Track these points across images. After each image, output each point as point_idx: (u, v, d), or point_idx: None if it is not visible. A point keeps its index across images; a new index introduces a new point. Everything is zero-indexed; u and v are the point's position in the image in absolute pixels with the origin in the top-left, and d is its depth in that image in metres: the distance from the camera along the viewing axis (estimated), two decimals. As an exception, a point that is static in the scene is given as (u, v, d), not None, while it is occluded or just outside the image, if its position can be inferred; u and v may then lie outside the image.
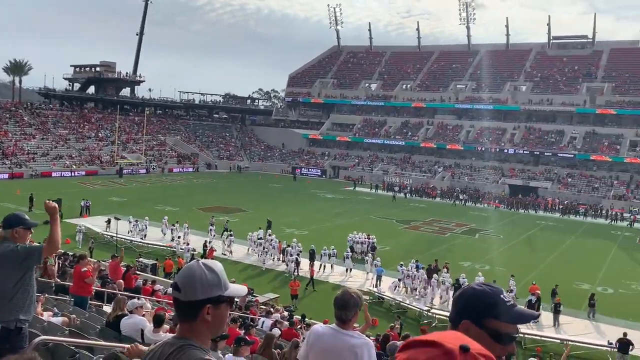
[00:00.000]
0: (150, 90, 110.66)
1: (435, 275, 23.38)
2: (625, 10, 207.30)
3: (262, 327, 12.73)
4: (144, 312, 7.79)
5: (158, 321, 7.13)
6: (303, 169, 74.53)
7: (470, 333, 1.48)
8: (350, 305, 3.14)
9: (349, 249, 27.87)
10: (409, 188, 62.00)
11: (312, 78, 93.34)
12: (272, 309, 16.05)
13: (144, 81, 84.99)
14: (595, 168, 62.52)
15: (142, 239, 29.75)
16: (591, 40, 79.50)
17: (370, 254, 26.94)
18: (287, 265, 25.99)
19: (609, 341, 18.08)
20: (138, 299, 9.18)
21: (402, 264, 24.78)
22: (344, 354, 2.99)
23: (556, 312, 20.56)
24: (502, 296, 1.61)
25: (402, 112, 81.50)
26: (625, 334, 17.43)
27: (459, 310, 1.61)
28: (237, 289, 1.96)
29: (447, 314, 18.38)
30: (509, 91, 75.58)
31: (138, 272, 19.75)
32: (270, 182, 63.58)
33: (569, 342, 17.32)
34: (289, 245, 26.95)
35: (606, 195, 57.35)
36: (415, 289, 23.45)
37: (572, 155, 64.13)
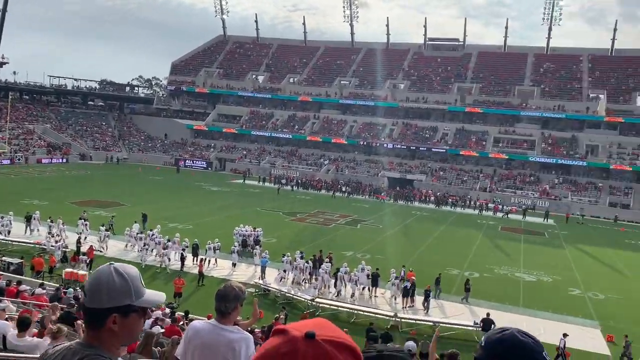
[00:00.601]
0: (15, 73, 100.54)
1: (324, 266, 23.95)
2: (493, 17, 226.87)
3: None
4: (6, 316, 7.17)
5: (23, 325, 6.60)
6: (187, 161, 72.40)
7: None
8: (230, 297, 3.14)
9: (236, 243, 27.64)
10: (295, 181, 62.85)
11: (196, 67, 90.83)
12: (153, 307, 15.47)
13: (8, 63, 77.02)
14: (464, 162, 67.80)
15: (5, 235, 27.16)
16: (462, 43, 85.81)
17: (258, 247, 26.94)
18: (168, 259, 25.13)
19: (474, 321, 19.79)
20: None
21: (287, 255, 25.06)
22: (222, 349, 2.98)
23: (427, 297, 22.04)
24: (544, 354, 1.44)
25: (289, 105, 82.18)
26: (488, 314, 19.18)
27: (492, 356, 1.40)
28: (151, 298, 1.79)
29: (332, 303, 18.79)
30: (388, 89, 79.28)
31: (1, 272, 18.09)
32: (152, 174, 61.00)
33: (439, 324, 18.70)
34: (169, 240, 26.10)
35: (473, 187, 62.51)
36: (304, 280, 23.96)
37: (444, 150, 68.98)
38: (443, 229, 42.13)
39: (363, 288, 23.25)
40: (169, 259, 25.25)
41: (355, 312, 20.49)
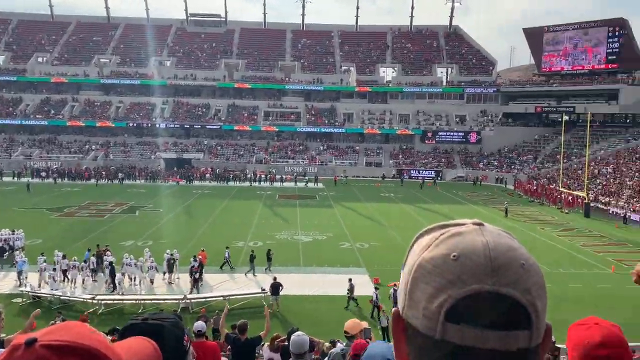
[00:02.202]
0: None
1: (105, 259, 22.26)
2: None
3: None
4: None
5: None
6: None
7: None
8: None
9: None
10: (57, 171, 56.54)
11: None
12: None
13: None
14: (239, 137, 69.25)
15: None
16: (224, 19, 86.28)
17: (18, 252, 23.74)
18: None
19: (262, 288, 20.72)
20: None
21: (55, 254, 22.62)
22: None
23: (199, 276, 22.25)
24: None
25: (40, 88, 72.88)
26: (275, 278, 20.25)
27: None
28: None
29: (115, 298, 17.66)
30: (154, 66, 75.93)
31: None
32: None
33: (229, 298, 19.13)
34: None
35: (250, 161, 64.47)
36: (82, 280, 21.97)
37: (219, 127, 69.40)
38: (225, 204, 42.70)
39: (163, 273, 22.41)
40: None
41: (141, 302, 19.67)
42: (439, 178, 61.46)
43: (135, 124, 68.43)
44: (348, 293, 19.93)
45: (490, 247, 0.85)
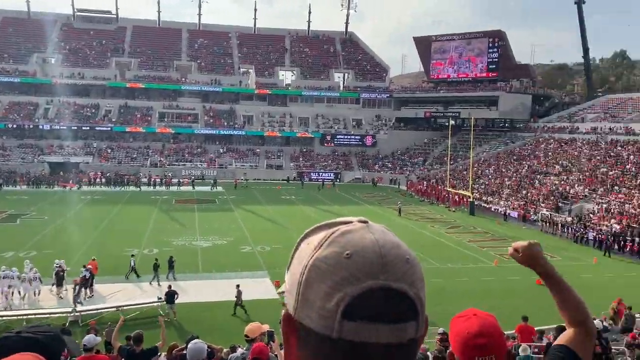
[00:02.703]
0: None
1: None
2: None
3: None
4: None
5: None
6: None
7: None
8: None
9: None
10: None
11: None
12: None
13: None
14: (131, 139, 66.10)
15: None
16: (115, 16, 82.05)
17: None
18: None
19: (158, 297, 19.90)
20: None
21: None
22: None
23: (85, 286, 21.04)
24: None
25: None
26: (170, 286, 19.53)
27: None
28: None
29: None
30: (37, 63, 70.41)
31: None
32: None
33: (122, 308, 18.18)
34: None
35: (144, 164, 61.77)
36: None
37: (109, 128, 65.78)
38: (118, 209, 40.56)
39: (52, 285, 20.69)
40: None
41: (25, 317, 18.10)
42: (338, 180, 62.96)
43: (15, 125, 62.92)
44: (236, 300, 19.53)
45: (379, 244, 0.86)
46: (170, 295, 18.88)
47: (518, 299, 20.89)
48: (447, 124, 58.73)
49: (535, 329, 13.85)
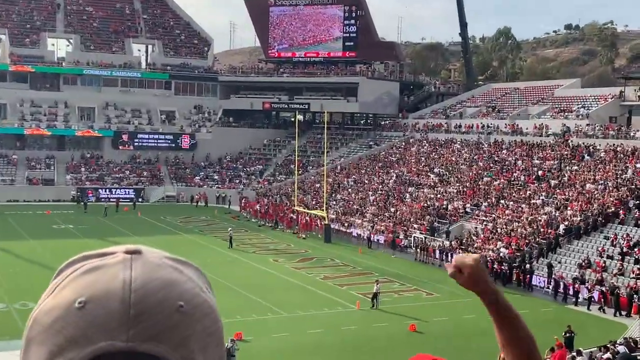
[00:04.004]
0: None
1: None
2: None
3: None
4: None
5: None
6: None
7: None
8: None
9: None
10: None
11: None
12: None
13: None
14: None
15: None
16: None
17: None
18: None
19: None
20: None
21: None
22: None
23: None
24: None
25: None
26: None
27: None
28: None
29: None
30: None
31: None
32: None
33: None
34: None
35: None
36: None
37: None
38: None
39: None
40: None
41: None
42: (141, 199, 61.43)
43: None
44: None
45: (133, 287, 0.83)
46: None
47: (390, 353, 22.11)
48: (293, 119, 60.56)
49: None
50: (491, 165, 51.87)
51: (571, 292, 31.24)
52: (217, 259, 37.31)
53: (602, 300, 29.67)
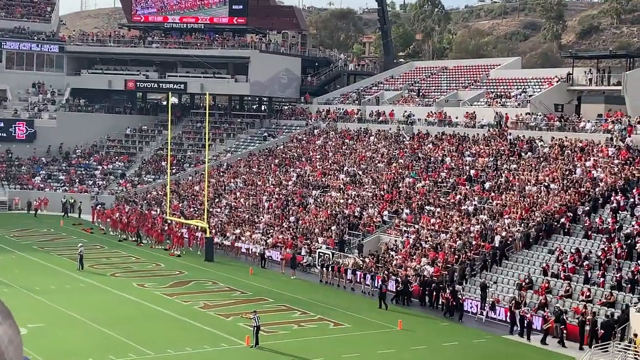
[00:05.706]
0: None
1: None
2: None
3: None
4: None
5: None
6: None
7: None
8: None
9: None
10: None
11: None
12: None
13: None
14: None
15: None
16: None
17: None
18: None
19: None
20: None
21: None
22: None
23: None
24: None
25: None
26: None
27: None
28: None
29: None
30: None
31: None
32: None
33: None
34: None
35: None
36: None
37: None
38: None
39: None
40: None
41: None
42: (-40, 206, 59.32)
43: None
44: None
45: None
46: None
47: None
48: (165, 102, 59.84)
49: None
50: (414, 163, 52.64)
51: (508, 318, 31.87)
52: (63, 285, 36.52)
53: (545, 329, 30.36)
